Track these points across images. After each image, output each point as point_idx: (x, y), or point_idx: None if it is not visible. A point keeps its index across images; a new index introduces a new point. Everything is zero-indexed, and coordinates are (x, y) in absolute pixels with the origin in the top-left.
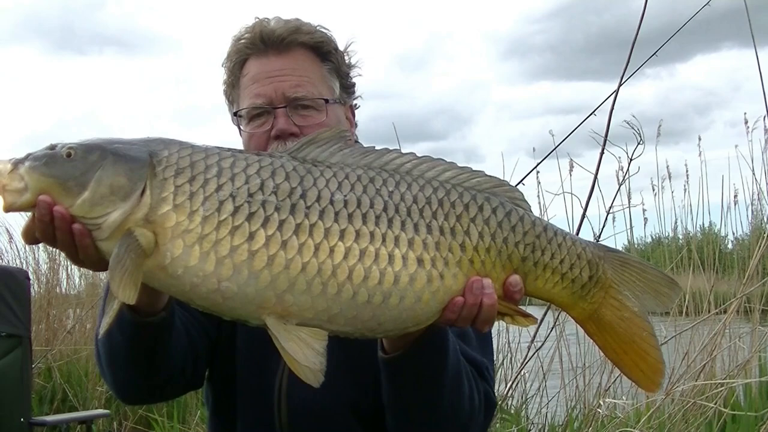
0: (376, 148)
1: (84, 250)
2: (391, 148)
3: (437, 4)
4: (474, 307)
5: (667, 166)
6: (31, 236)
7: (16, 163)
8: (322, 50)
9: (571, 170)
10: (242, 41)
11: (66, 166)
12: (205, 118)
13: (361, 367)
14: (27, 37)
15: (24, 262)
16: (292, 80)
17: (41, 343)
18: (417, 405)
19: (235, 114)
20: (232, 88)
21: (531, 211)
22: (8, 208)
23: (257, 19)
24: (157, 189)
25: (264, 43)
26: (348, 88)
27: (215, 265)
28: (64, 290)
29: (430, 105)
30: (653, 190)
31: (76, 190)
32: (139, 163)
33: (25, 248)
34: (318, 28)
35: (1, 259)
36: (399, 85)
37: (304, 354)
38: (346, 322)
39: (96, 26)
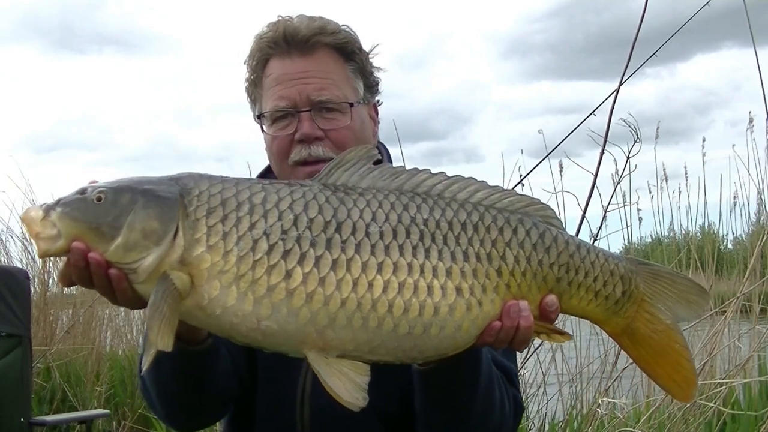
0: (406, 168)
1: (122, 294)
2: (420, 168)
3: (437, 3)
4: (511, 330)
5: (664, 169)
6: (68, 280)
7: (48, 210)
8: (347, 50)
9: (564, 169)
10: (265, 39)
11: (97, 211)
12: (205, 118)
13: (388, 372)
14: (26, 37)
15: (23, 262)
16: (316, 83)
17: (40, 343)
18: (450, 414)
19: (258, 116)
20: (255, 86)
21: (563, 229)
22: (43, 255)
23: (280, 17)
24: (189, 230)
25: (287, 43)
26: (371, 87)
27: (253, 304)
28: (62, 290)
29: (430, 105)
30: (649, 192)
31: (109, 236)
32: (170, 204)
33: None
34: (342, 27)
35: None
36: (399, 85)
37: (347, 389)
38: (387, 352)
39: (96, 26)
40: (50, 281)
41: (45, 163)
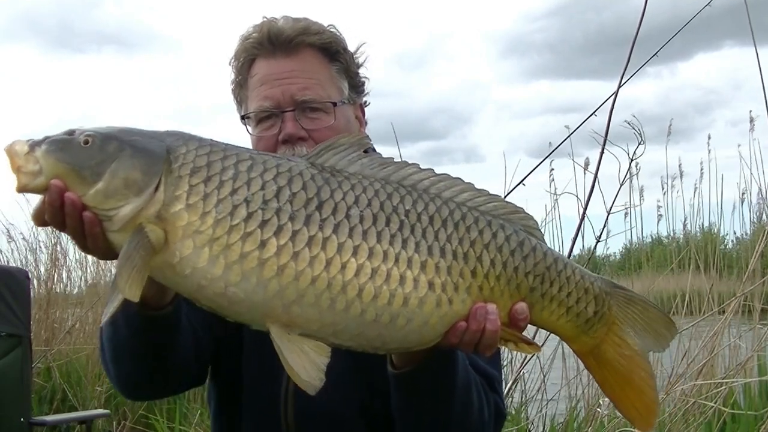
0: (395, 160)
1: (93, 239)
2: (410, 162)
3: (437, 3)
4: (477, 333)
5: (680, 165)
6: (41, 219)
7: (33, 145)
8: (331, 50)
9: (586, 168)
10: (250, 41)
11: (82, 153)
12: (205, 118)
13: (372, 369)
14: (25, 36)
15: (25, 262)
16: (300, 83)
17: (40, 342)
18: (427, 418)
19: (242, 117)
20: (240, 88)
21: (544, 241)
22: (21, 189)
23: (265, 18)
24: (171, 186)
25: (272, 43)
26: (357, 87)
27: (224, 269)
28: (65, 291)
29: (430, 104)
30: (663, 188)
31: (90, 180)
32: (155, 158)
33: (26, 248)
34: (327, 27)
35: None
36: (398, 84)
37: (305, 368)
38: (351, 338)
39: (95, 25)
40: (53, 280)
41: None
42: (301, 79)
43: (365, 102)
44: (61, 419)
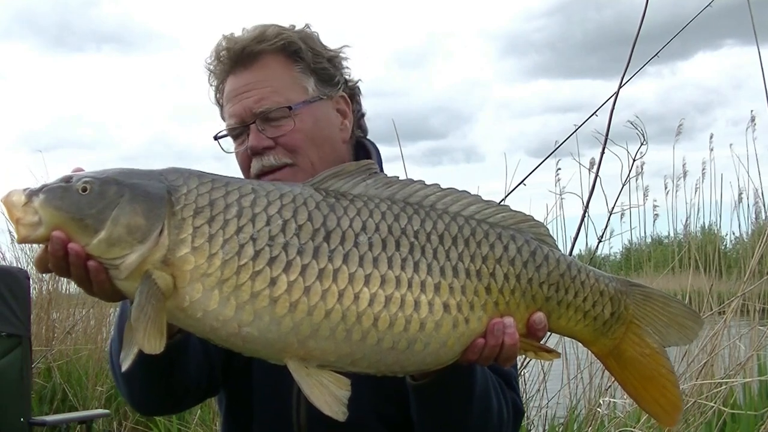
0: (400, 178)
1: (99, 286)
2: (414, 179)
3: (437, 2)
4: (495, 348)
5: (684, 165)
6: (44, 267)
7: (30, 195)
8: (289, 51)
9: (593, 167)
10: (212, 63)
11: (81, 202)
12: (204, 117)
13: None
14: (23, 35)
15: (25, 263)
16: (255, 94)
17: (41, 343)
18: (447, 425)
19: (215, 137)
20: (221, 107)
21: (556, 247)
22: (22, 241)
23: (224, 35)
24: (175, 230)
25: (230, 59)
26: (329, 81)
27: (235, 310)
28: (65, 290)
29: (430, 103)
30: (665, 188)
31: (93, 229)
32: (157, 201)
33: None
34: (287, 28)
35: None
36: (398, 83)
37: (327, 402)
38: (369, 365)
39: (93, 23)
40: (55, 280)
41: (43, 162)
42: (256, 90)
43: (354, 89)
44: (61, 419)
